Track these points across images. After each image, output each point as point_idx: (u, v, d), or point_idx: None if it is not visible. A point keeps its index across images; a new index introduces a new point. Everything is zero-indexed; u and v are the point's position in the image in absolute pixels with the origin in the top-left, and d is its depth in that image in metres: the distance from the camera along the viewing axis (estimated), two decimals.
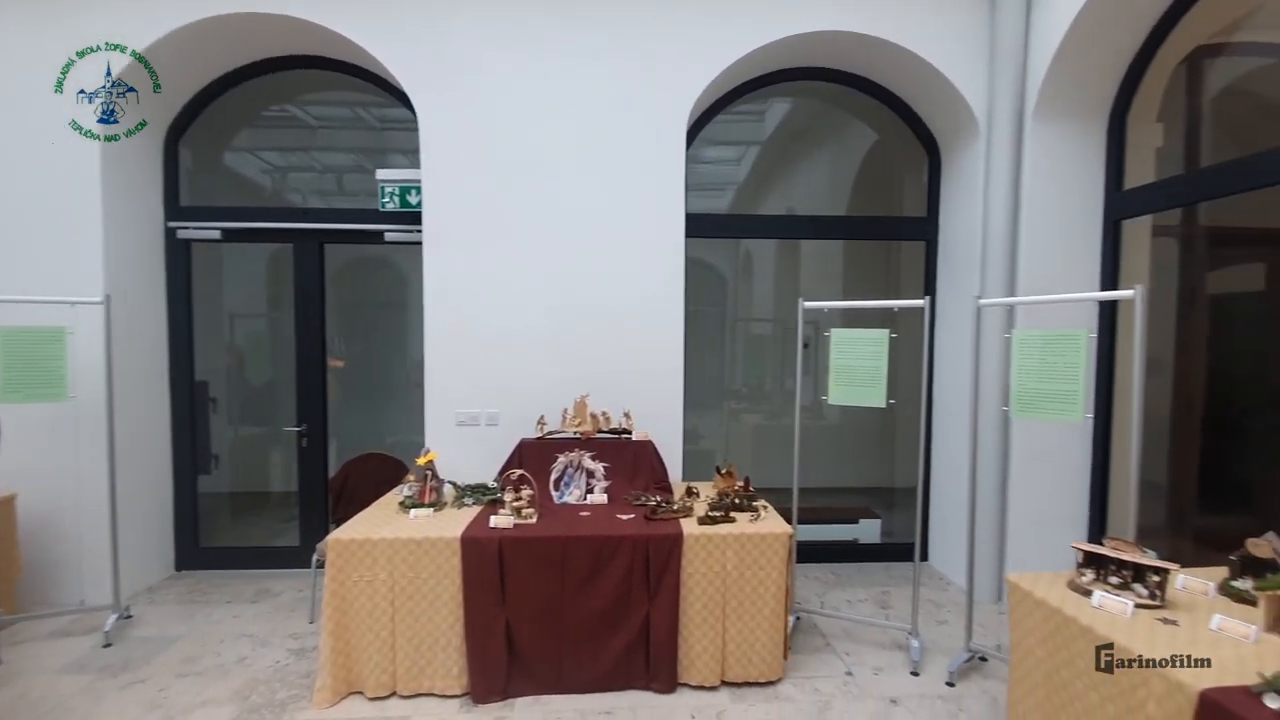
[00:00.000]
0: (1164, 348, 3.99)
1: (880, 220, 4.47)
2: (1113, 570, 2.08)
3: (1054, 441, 3.57)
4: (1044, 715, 2.05)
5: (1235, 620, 1.81)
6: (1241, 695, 1.50)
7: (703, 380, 5.84)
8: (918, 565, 3.14)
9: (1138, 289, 2.39)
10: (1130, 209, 3.37)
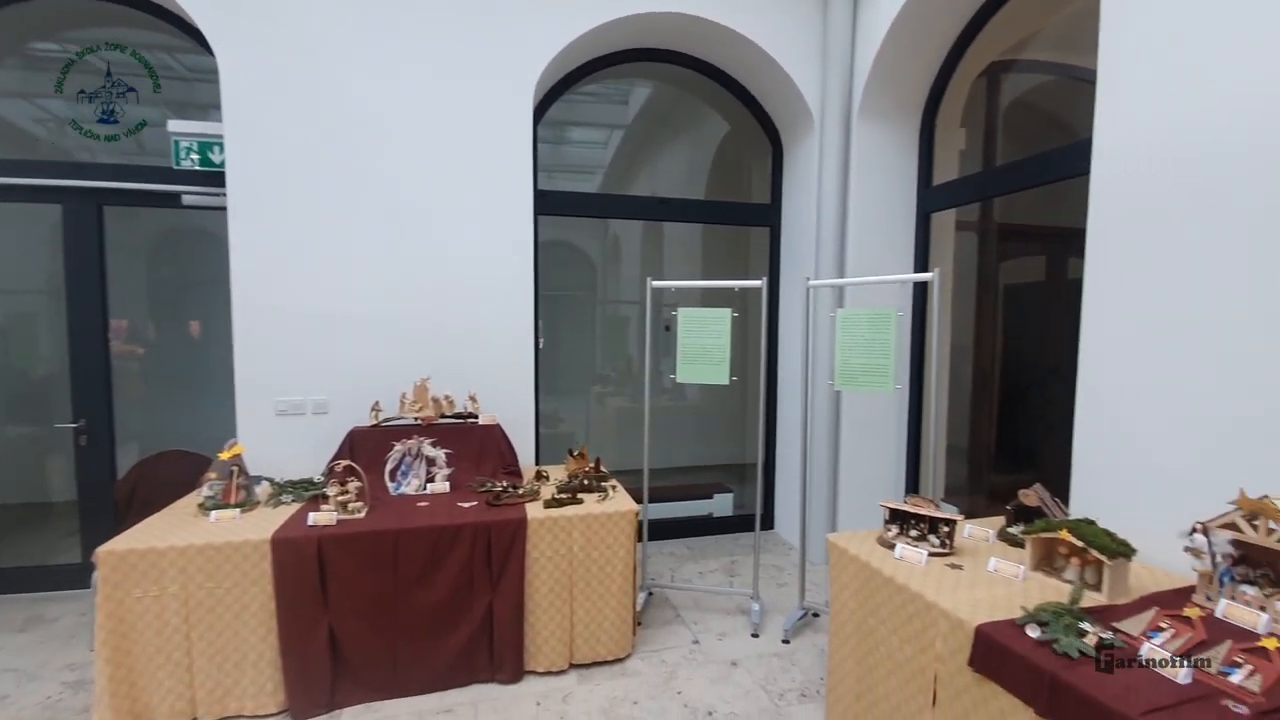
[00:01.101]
0: (966, 330, 4.52)
1: (731, 206, 4.62)
2: (912, 525, 2.29)
3: (877, 412, 3.92)
4: (856, 660, 2.23)
5: (1008, 562, 2.07)
6: (1008, 627, 1.70)
7: (571, 364, 5.77)
8: (758, 535, 3.31)
9: (935, 272, 2.64)
10: (937, 203, 3.75)
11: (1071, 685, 1.45)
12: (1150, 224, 2.18)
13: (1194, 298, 2.05)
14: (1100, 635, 1.61)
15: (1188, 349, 2.06)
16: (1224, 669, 1.45)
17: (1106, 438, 2.33)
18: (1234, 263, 1.93)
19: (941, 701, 1.84)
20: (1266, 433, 1.85)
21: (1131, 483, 2.24)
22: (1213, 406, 2.00)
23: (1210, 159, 1.99)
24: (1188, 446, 2.06)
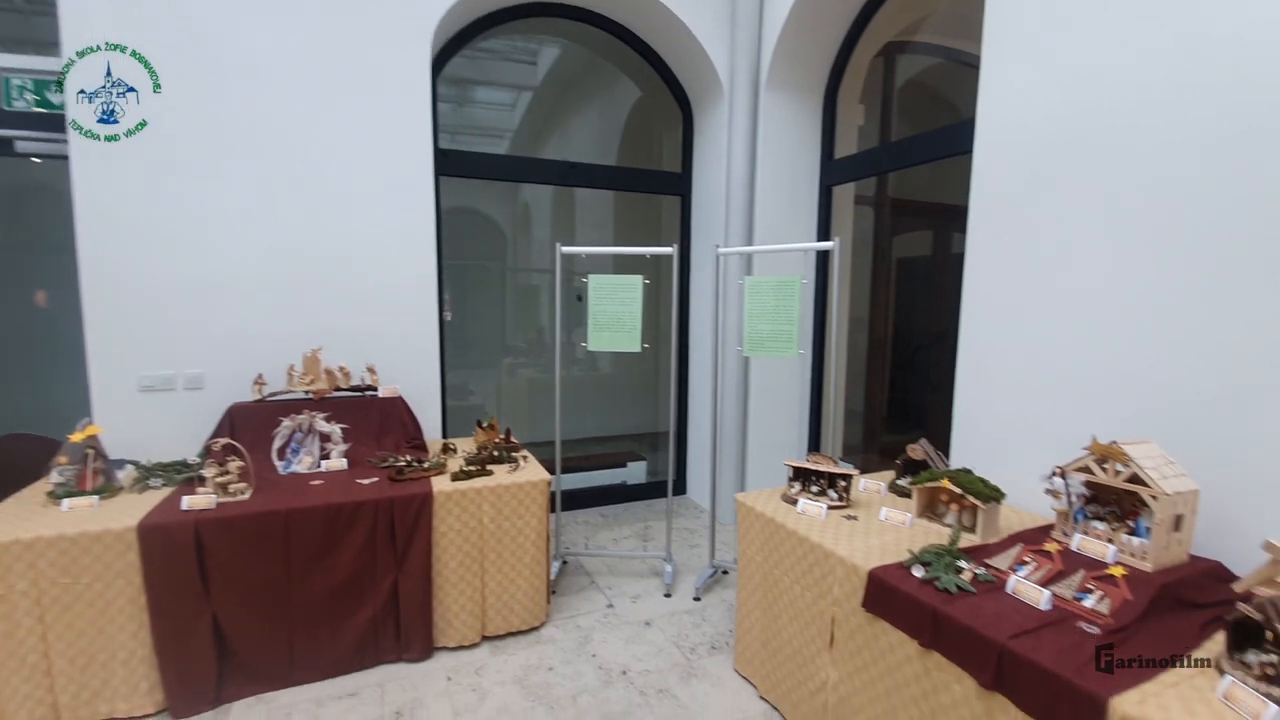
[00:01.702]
0: (862, 301, 4.78)
1: (642, 173, 4.58)
2: (813, 481, 2.41)
3: (782, 378, 4.07)
4: (762, 610, 2.33)
5: (897, 511, 2.22)
6: (896, 570, 1.83)
7: (481, 336, 5.58)
8: (670, 499, 3.37)
9: (836, 241, 2.75)
10: (838, 177, 3.90)
11: (950, 617, 1.58)
12: (1023, 200, 2.36)
13: (1060, 268, 2.25)
14: (975, 571, 1.76)
15: (1053, 315, 2.27)
16: (1079, 595, 1.63)
17: (983, 396, 2.54)
18: (1096, 236, 2.13)
19: (838, 641, 1.97)
20: (1117, 387, 2.08)
21: (1003, 435, 2.46)
22: (1074, 367, 2.21)
23: (1078, 140, 2.17)
24: (1052, 402, 2.28)
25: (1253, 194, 1.74)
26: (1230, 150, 1.79)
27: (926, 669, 1.66)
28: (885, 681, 1.79)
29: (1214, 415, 1.83)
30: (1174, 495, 1.65)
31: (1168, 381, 1.94)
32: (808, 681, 2.11)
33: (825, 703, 2.03)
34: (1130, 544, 1.72)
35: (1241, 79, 1.76)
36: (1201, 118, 1.85)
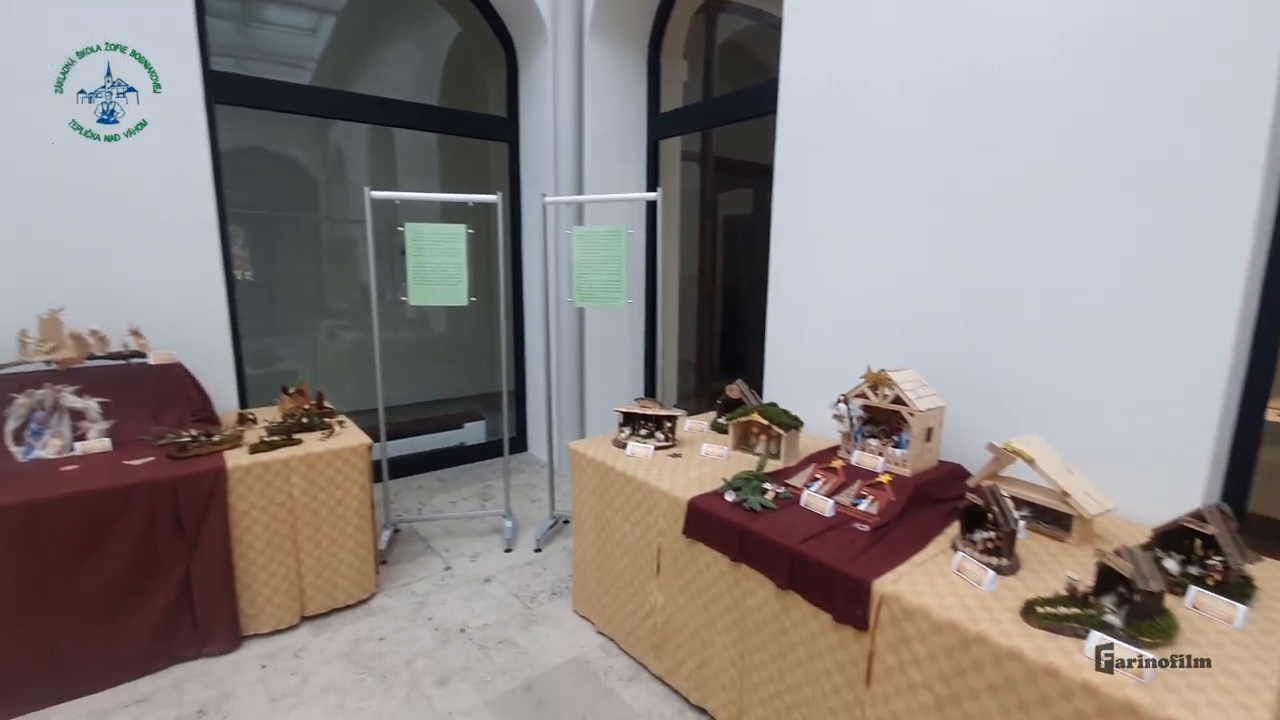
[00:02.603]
0: (692, 257, 5.00)
1: (463, 115, 4.28)
2: (641, 425, 2.51)
3: (619, 329, 4.16)
4: (597, 550, 2.42)
5: (716, 446, 2.40)
6: (712, 497, 1.99)
7: (292, 295, 4.96)
8: (507, 456, 3.33)
9: (659, 191, 2.82)
10: (664, 130, 3.98)
11: (754, 532, 1.76)
12: (816, 160, 2.59)
13: (843, 222, 2.52)
14: (777, 491, 1.97)
15: (839, 264, 2.55)
16: (855, 500, 1.89)
17: (787, 338, 2.81)
18: (868, 195, 2.41)
19: (664, 568, 2.11)
20: (887, 324, 2.41)
21: (805, 372, 2.74)
22: (855, 308, 2.52)
23: (854, 109, 2.42)
24: (840, 340, 2.58)
25: (976, 162, 2.07)
26: (961, 125, 2.10)
27: (737, 580, 1.84)
28: (704, 597, 1.96)
29: (953, 344, 2.20)
30: (925, 412, 1.96)
31: (921, 317, 2.29)
32: (638, 609, 2.25)
33: (654, 625, 2.17)
34: (895, 455, 2.02)
35: (971, 66, 2.06)
36: (944, 98, 2.14)
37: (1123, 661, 1.16)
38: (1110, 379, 1.88)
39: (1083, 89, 1.87)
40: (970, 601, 1.40)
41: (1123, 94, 1.80)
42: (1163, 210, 1.76)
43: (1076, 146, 1.89)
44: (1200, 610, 1.37)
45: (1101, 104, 1.84)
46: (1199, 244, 1.71)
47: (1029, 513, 1.79)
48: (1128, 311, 1.84)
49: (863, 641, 1.52)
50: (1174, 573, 1.47)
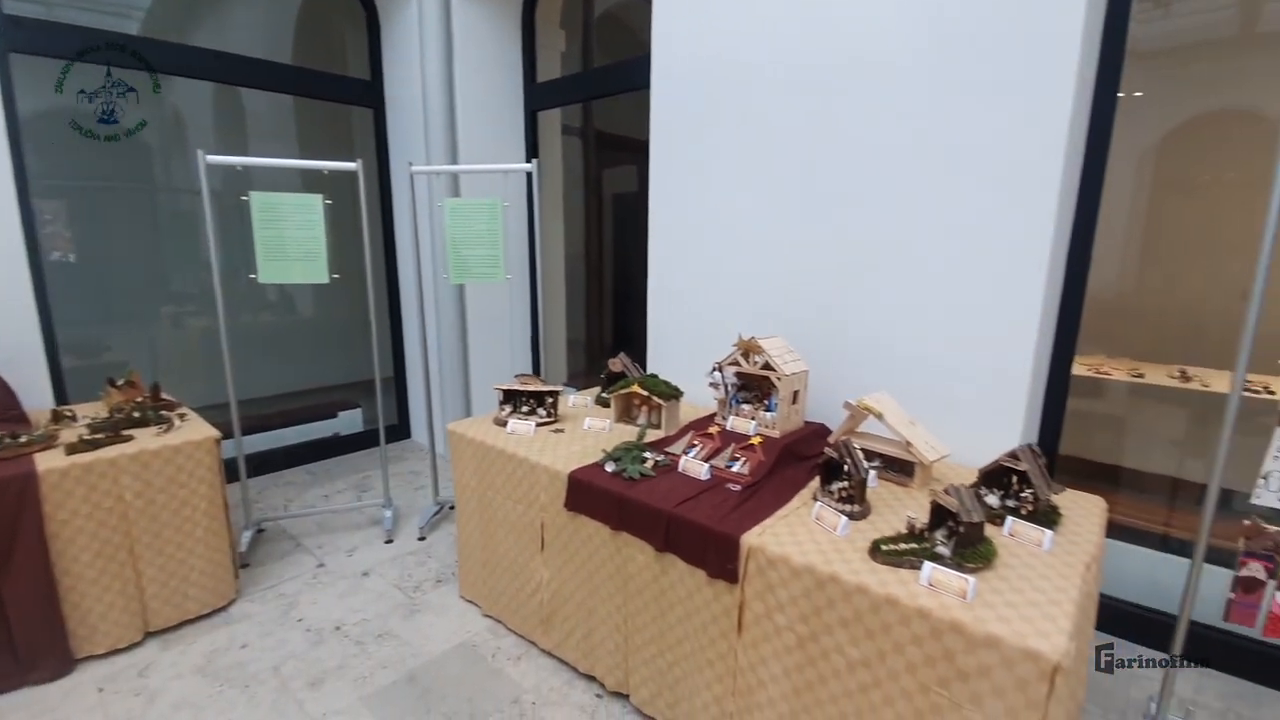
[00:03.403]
0: (580, 234, 4.95)
1: (322, 78, 3.93)
2: (523, 402, 2.47)
3: (504, 307, 4.04)
4: (481, 532, 2.36)
5: (599, 419, 2.40)
6: (592, 469, 1.99)
7: (127, 279, 4.34)
8: (384, 445, 3.15)
9: (534, 163, 2.75)
10: (542, 101, 3.87)
11: (632, 499, 1.79)
12: (687, 137, 2.63)
13: (715, 198, 2.58)
14: (656, 459, 2.01)
15: (713, 238, 2.62)
16: (729, 463, 1.97)
17: (669, 311, 2.86)
18: (750, 171, 2.49)
19: (547, 544, 2.09)
20: (758, 294, 2.51)
21: (685, 343, 2.81)
22: (729, 280, 2.60)
23: (720, 89, 2.47)
24: (717, 311, 2.66)
25: (835, 143, 2.20)
26: (822, 107, 2.22)
27: (618, 547, 1.86)
28: (587, 567, 1.97)
29: (817, 312, 2.34)
30: (791, 376, 2.07)
31: (789, 288, 2.41)
32: (524, 587, 2.22)
33: (541, 601, 2.16)
34: (765, 418, 2.13)
35: (833, 51, 2.17)
36: (808, 81, 2.24)
37: (949, 586, 1.30)
38: (946, 341, 2.09)
39: (921, 78, 2.02)
40: (826, 546, 1.51)
41: (953, 84, 1.96)
42: (988, 188, 1.95)
43: (918, 131, 2.05)
44: (1016, 537, 1.56)
45: (938, 92, 2.00)
46: (1011, 220, 1.92)
47: (880, 463, 1.95)
48: (960, 280, 2.04)
49: (734, 593, 1.59)
50: (995, 506, 1.67)
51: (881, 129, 2.12)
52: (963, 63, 1.94)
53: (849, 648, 1.40)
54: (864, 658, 1.38)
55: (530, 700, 2.02)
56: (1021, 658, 1.17)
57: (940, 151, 2.02)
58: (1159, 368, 3.01)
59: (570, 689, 2.07)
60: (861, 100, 2.15)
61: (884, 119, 2.11)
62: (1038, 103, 1.83)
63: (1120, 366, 3.20)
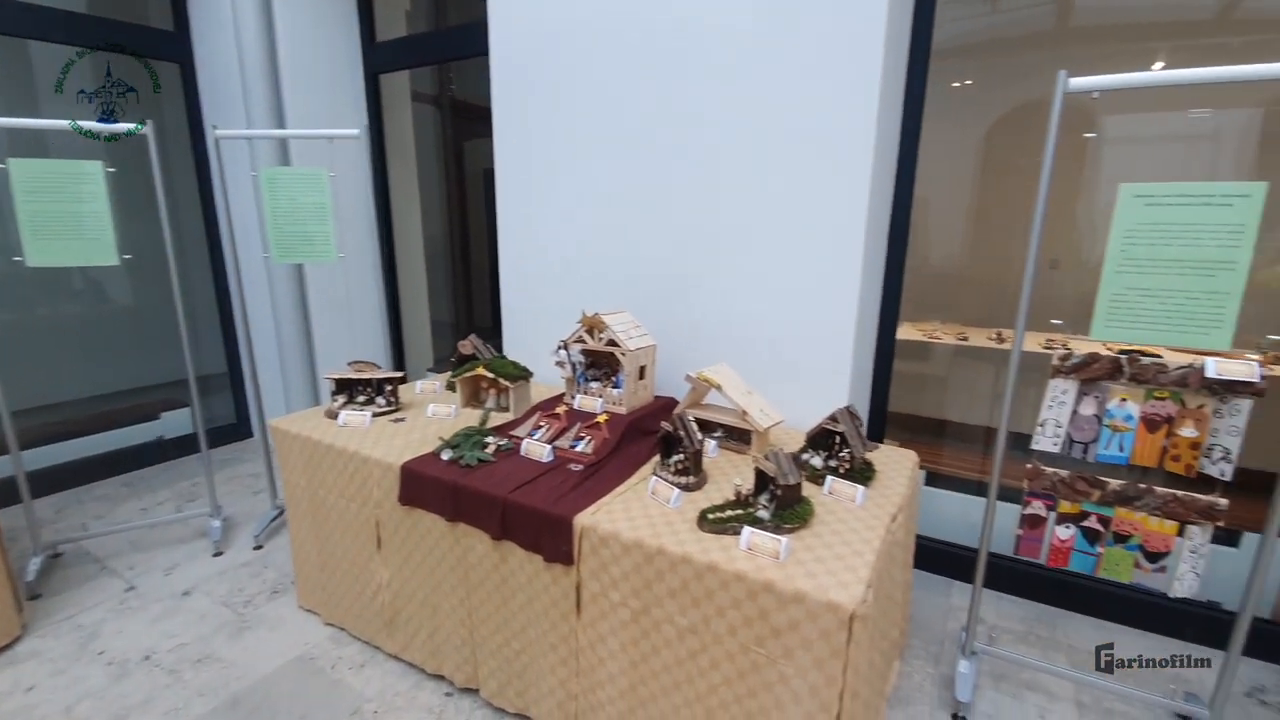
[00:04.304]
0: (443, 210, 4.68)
1: (110, 26, 3.35)
2: (360, 390, 2.28)
3: (356, 290, 3.73)
4: (315, 534, 2.17)
5: (443, 405, 2.27)
6: (428, 459, 1.87)
7: None
8: (206, 447, 2.80)
9: (361, 128, 2.51)
10: (384, 63, 3.57)
11: (467, 487, 1.70)
12: (535, 106, 2.52)
13: (571, 172, 2.50)
14: (499, 444, 1.92)
15: (560, 213, 2.54)
16: (574, 443, 1.92)
17: (521, 290, 2.76)
18: (596, 144, 2.42)
19: (384, 542, 1.96)
20: (606, 270, 2.48)
21: (538, 321, 2.72)
22: (579, 255, 2.54)
23: (580, 51, 2.38)
24: (569, 288, 2.60)
25: (680, 118, 2.19)
26: (666, 82, 2.19)
27: (457, 539, 1.77)
28: (428, 563, 1.86)
29: (664, 286, 2.35)
30: (637, 351, 2.06)
31: (637, 262, 2.40)
32: (365, 590, 2.07)
33: (383, 603, 2.03)
34: (612, 395, 2.11)
35: (679, 26, 2.14)
36: (652, 54, 2.21)
37: (764, 548, 1.34)
38: (781, 310, 2.16)
39: (748, 44, 2.04)
40: (658, 520, 1.51)
41: (776, 51, 2.01)
42: (812, 158, 2.02)
43: (750, 100, 2.08)
44: (834, 494, 1.65)
45: (764, 60, 2.03)
46: (834, 190, 2.00)
47: (722, 433, 2.00)
48: (790, 250, 2.11)
49: (571, 575, 1.56)
50: (818, 467, 1.76)
51: (727, 108, 2.13)
52: (783, 30, 1.98)
53: (678, 617, 1.41)
54: (691, 625, 1.40)
55: (373, 709, 1.89)
56: (823, 610, 1.22)
57: (771, 122, 2.06)
58: (982, 331, 3.32)
59: (418, 691, 1.96)
60: (694, 70, 2.14)
61: (728, 99, 2.12)
62: (853, 73, 1.91)
63: (950, 331, 3.52)
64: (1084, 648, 2.15)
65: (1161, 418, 1.55)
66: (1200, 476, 1.55)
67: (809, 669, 1.27)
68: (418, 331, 4.17)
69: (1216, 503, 1.54)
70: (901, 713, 1.89)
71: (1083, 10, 3.10)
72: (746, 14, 2.03)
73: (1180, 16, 2.90)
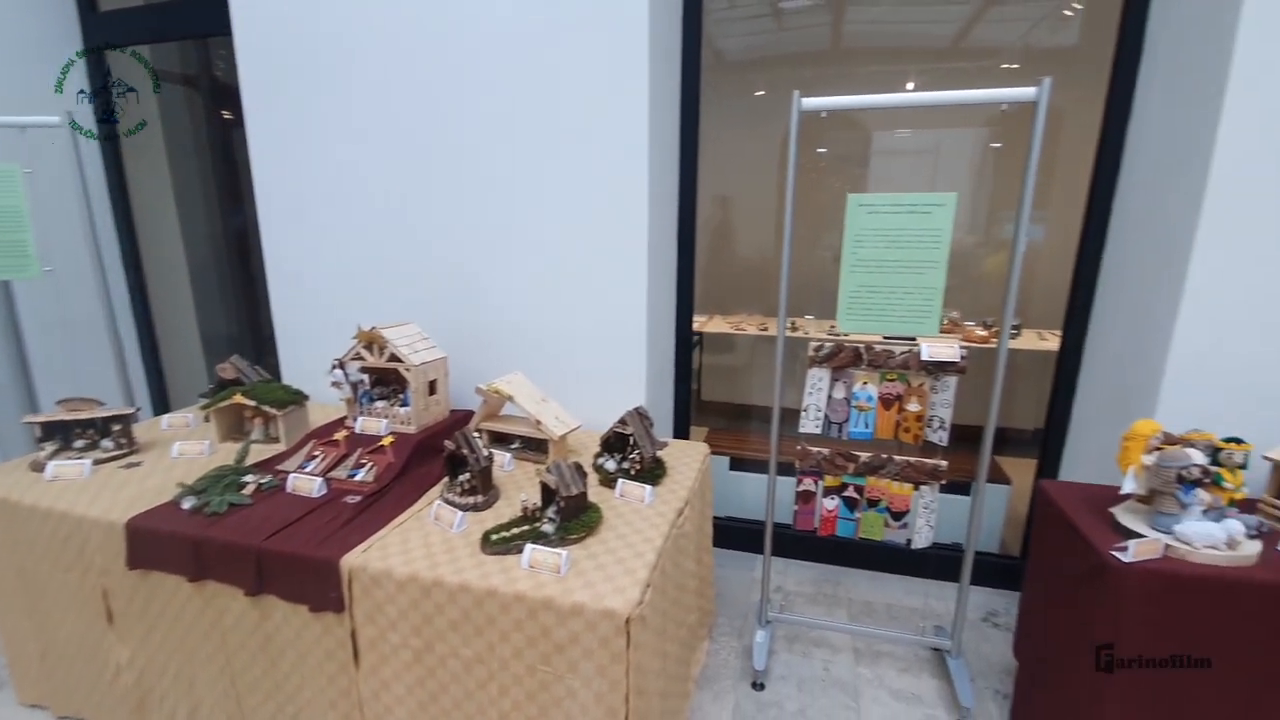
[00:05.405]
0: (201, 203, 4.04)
1: None
2: (77, 433, 1.88)
3: (82, 309, 3.09)
4: (29, 615, 1.77)
5: (193, 442, 1.95)
6: (164, 511, 1.59)
7: None
8: None
9: (65, 114, 2.07)
10: (113, 37, 2.97)
11: (212, 539, 1.47)
12: (292, 98, 2.25)
13: (343, 170, 2.27)
14: (260, 482, 1.69)
15: (341, 216, 2.31)
16: (352, 472, 1.75)
17: (294, 302, 2.47)
18: (367, 138, 2.21)
19: (117, 614, 1.64)
20: (391, 277, 2.30)
21: (318, 338, 2.44)
22: (356, 262, 2.33)
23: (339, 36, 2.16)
24: (350, 299, 2.37)
25: (457, 112, 2.08)
26: (438, 77, 2.07)
27: (207, 600, 1.53)
28: (175, 631, 1.59)
29: (455, 293, 2.24)
30: (422, 365, 1.93)
31: (422, 268, 2.26)
32: (103, 673, 1.72)
33: (126, 685, 1.70)
34: (399, 414, 1.96)
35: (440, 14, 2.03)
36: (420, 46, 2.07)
37: (546, 564, 1.32)
38: (573, 312, 2.16)
39: (526, 40, 2.00)
40: (438, 549, 1.42)
41: (552, 50, 1.98)
42: (593, 169, 2.03)
43: (533, 111, 2.03)
44: (625, 497, 1.67)
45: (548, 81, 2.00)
46: (615, 190, 2.03)
47: (519, 444, 1.94)
48: (577, 251, 2.11)
49: (344, 622, 1.41)
50: (612, 470, 1.78)
51: (505, 104, 2.05)
52: (557, 33, 1.96)
53: (462, 648, 1.34)
54: (477, 654, 1.33)
55: None
56: (600, 618, 1.23)
57: (552, 125, 2.03)
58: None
59: None
60: (468, 63, 2.05)
61: (507, 95, 2.04)
62: (623, 77, 1.94)
63: (753, 322, 3.80)
64: (860, 599, 2.44)
65: (893, 396, 1.78)
66: (926, 443, 1.80)
67: (593, 678, 1.27)
68: (183, 352, 3.60)
69: (939, 465, 1.81)
70: (709, 690, 1.99)
71: (850, 34, 3.48)
72: (519, 17, 1.98)
73: (926, 45, 3.37)
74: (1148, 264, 1.86)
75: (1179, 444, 1.39)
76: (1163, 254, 1.78)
